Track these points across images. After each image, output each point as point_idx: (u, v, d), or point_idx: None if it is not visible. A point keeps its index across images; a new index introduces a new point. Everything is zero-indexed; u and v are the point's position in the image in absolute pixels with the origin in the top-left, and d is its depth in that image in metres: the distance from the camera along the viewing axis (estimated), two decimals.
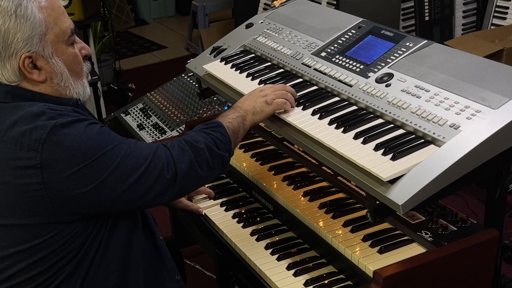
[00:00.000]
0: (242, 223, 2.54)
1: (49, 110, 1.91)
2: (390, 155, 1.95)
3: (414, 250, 2.15)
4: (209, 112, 4.14)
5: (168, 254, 2.33)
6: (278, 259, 2.31)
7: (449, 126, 1.97)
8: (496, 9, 4.75)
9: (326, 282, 2.19)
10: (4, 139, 1.90)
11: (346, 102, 2.30)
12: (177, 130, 4.12)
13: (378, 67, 2.34)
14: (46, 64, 1.98)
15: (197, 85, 3.02)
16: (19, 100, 1.97)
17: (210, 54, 2.94)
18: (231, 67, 2.73)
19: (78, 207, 1.92)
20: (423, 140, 1.99)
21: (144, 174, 1.95)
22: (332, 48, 2.56)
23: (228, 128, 2.19)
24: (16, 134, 1.88)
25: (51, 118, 1.88)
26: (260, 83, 2.55)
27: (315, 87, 2.45)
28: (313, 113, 2.27)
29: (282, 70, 2.62)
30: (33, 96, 1.99)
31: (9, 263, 1.97)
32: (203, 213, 2.63)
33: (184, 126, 3.59)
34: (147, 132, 4.28)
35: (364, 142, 2.05)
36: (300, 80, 2.52)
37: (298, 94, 2.40)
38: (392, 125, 2.11)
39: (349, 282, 2.18)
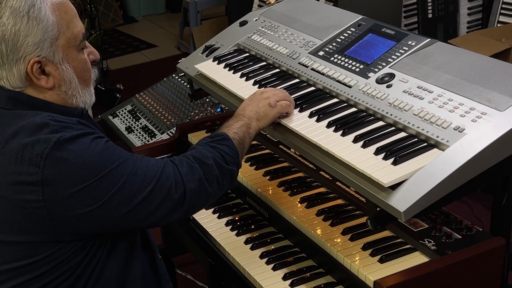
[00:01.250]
0: (236, 231, 2.53)
1: (53, 122, 1.88)
2: (391, 160, 1.95)
3: (416, 259, 2.14)
4: (201, 114, 4.14)
5: (166, 275, 2.32)
6: (274, 268, 2.31)
7: (453, 129, 1.97)
8: (503, 6, 4.75)
9: None
10: (4, 150, 1.87)
11: (345, 104, 2.30)
12: (167, 133, 4.12)
13: (379, 67, 2.34)
14: (55, 70, 1.95)
15: (188, 86, 3.02)
16: (22, 107, 1.94)
17: (202, 53, 2.94)
18: (224, 67, 2.73)
19: (80, 227, 1.90)
20: (426, 144, 1.99)
21: (151, 193, 1.93)
22: (331, 47, 2.56)
23: (234, 139, 2.17)
24: (16, 146, 1.85)
25: (54, 131, 1.85)
26: (254, 83, 2.55)
27: (312, 88, 2.45)
28: (311, 115, 2.27)
29: (278, 70, 2.62)
30: (36, 103, 1.96)
31: (1, 279, 1.95)
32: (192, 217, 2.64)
33: (174, 129, 3.58)
34: (136, 135, 4.28)
35: (364, 146, 2.05)
36: (297, 80, 2.52)
37: (295, 95, 2.41)
38: (393, 128, 2.11)
39: None
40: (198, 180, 2.02)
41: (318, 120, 2.24)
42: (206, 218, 2.65)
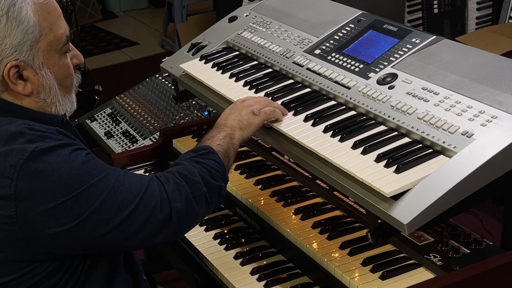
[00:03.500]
0: (225, 245, 2.53)
1: (29, 131, 1.87)
2: (394, 167, 1.95)
3: (421, 275, 2.15)
4: (187, 118, 4.14)
5: None
6: (266, 286, 2.30)
7: (461, 134, 1.97)
8: None
9: None
10: None
11: (344, 107, 2.30)
12: (150, 139, 4.11)
13: (380, 66, 2.34)
14: (34, 75, 1.94)
15: (173, 87, 3.02)
16: None
17: (188, 51, 2.94)
18: (212, 67, 2.73)
19: (55, 247, 1.89)
20: (431, 150, 1.99)
21: (133, 213, 1.92)
22: (328, 45, 2.56)
23: (219, 152, 2.16)
24: None
25: (30, 141, 1.84)
26: (245, 84, 2.55)
27: (308, 90, 2.45)
28: (306, 119, 2.27)
29: (270, 70, 2.62)
30: (12, 109, 1.95)
31: None
32: None
33: (158, 134, 3.58)
34: (116, 140, 4.27)
35: (364, 153, 2.05)
36: (291, 81, 2.52)
37: (289, 97, 2.41)
38: (396, 133, 2.12)
39: None
40: (185, 199, 2.01)
41: (314, 125, 2.24)
42: (192, 231, 2.63)
